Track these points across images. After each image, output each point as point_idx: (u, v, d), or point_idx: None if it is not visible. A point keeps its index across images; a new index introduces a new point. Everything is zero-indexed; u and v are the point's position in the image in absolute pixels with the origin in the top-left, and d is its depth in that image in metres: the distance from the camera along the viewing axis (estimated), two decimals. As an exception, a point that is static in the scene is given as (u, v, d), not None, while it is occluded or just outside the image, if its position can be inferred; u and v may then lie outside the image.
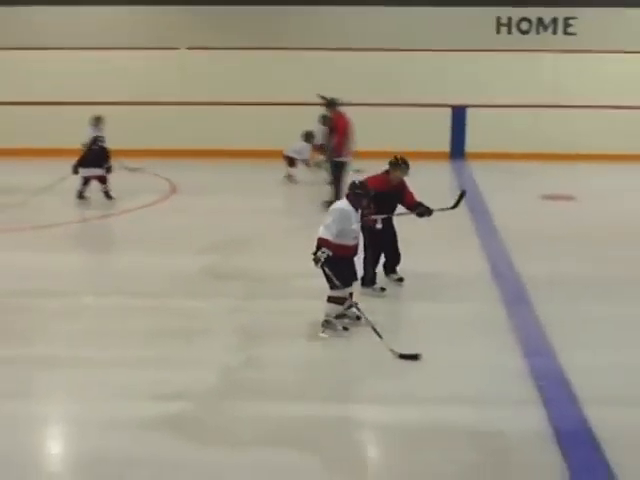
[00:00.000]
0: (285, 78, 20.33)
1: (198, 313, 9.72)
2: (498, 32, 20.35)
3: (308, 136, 17.40)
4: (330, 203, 10.63)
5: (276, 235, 13.22)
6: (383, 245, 10.47)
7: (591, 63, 20.04)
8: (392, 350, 8.32)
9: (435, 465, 6.43)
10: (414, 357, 8.25)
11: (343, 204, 8.98)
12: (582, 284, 10.66)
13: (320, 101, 14.92)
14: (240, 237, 12.99)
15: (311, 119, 16.71)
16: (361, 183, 9.14)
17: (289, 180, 17.50)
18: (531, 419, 7.11)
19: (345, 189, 9.45)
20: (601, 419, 7.02)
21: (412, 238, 11.91)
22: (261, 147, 19.98)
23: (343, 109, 14.88)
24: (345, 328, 9.04)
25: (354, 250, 9.10)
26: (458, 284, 10.70)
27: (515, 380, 7.90)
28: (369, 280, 10.25)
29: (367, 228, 9.93)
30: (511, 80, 20.18)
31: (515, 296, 10.29)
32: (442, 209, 10.57)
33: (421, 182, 17.14)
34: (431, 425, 7.05)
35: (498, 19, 20.31)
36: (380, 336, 8.53)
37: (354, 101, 15.47)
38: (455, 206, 10.71)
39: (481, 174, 18.10)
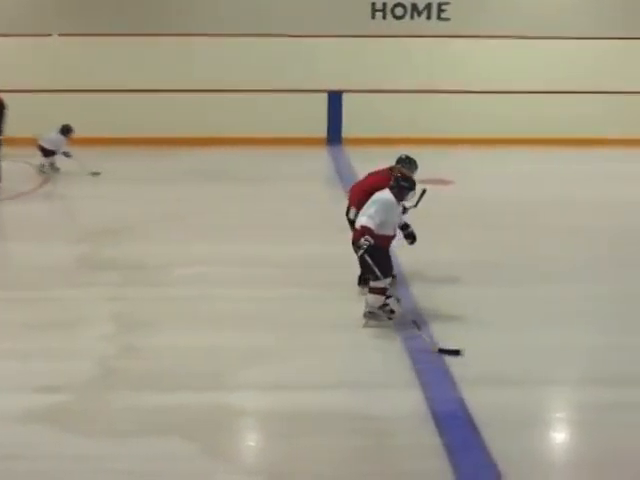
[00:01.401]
0: (158, 64, 20.03)
1: (74, 303, 9.56)
2: (373, 17, 20.42)
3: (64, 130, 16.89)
4: None
5: (152, 223, 13.05)
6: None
7: (464, 48, 20.29)
8: (432, 343, 8.20)
9: (316, 450, 6.45)
10: (455, 352, 8.06)
11: (388, 195, 8.78)
12: (459, 267, 10.80)
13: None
14: (116, 225, 12.80)
15: (187, 105, 16.54)
16: (408, 177, 8.96)
17: (49, 170, 16.96)
18: (410, 402, 7.18)
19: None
20: (477, 400, 7.15)
21: (286, 223, 12.00)
22: (131, 135, 19.69)
23: None
24: (390, 318, 8.90)
25: (391, 241, 8.96)
26: (335, 268, 10.72)
27: (394, 363, 7.98)
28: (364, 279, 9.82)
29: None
30: (387, 65, 20.28)
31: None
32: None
33: (299, 168, 17.36)
34: (310, 410, 7.08)
35: (373, 5, 20.36)
36: (419, 328, 8.45)
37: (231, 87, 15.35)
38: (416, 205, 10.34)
39: (358, 160, 18.13)
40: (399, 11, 20.42)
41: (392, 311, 8.93)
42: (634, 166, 17.77)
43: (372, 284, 8.86)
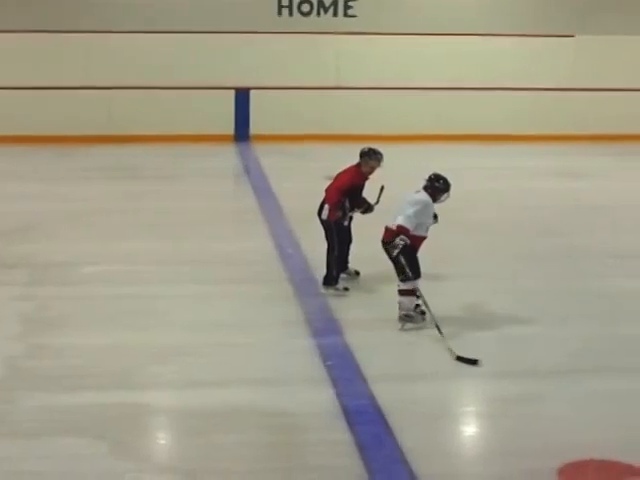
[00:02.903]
0: (62, 61, 19.72)
1: (-20, 303, 9.40)
2: (280, 14, 20.43)
3: None
4: None
5: (58, 222, 12.86)
6: (346, 242, 10.07)
7: (371, 45, 20.40)
8: (451, 350, 8.11)
9: (227, 447, 6.46)
10: (473, 362, 7.94)
11: (425, 196, 8.66)
12: (366, 262, 10.86)
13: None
14: (21, 224, 12.58)
15: (93, 103, 16.35)
16: (442, 178, 8.79)
17: None
18: (320, 398, 7.22)
19: None
20: (387, 395, 7.21)
21: (194, 220, 11.94)
22: (36, 133, 19.39)
23: None
24: (423, 319, 8.75)
25: (423, 242, 8.85)
26: (245, 265, 10.74)
27: (303, 360, 8.02)
28: (333, 279, 9.83)
29: (333, 225, 9.75)
30: (294, 62, 20.28)
31: (301, 276, 10.42)
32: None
33: (206, 165, 17.30)
34: (220, 408, 7.07)
35: (279, 1, 20.37)
36: (441, 332, 8.32)
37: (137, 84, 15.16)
38: (377, 202, 10.16)
39: (265, 156, 18.19)
40: (305, 7, 20.44)
41: (423, 312, 8.81)
42: (538, 162, 18.10)
43: (402, 286, 8.70)
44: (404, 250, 8.48)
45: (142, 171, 16.79)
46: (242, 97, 20.33)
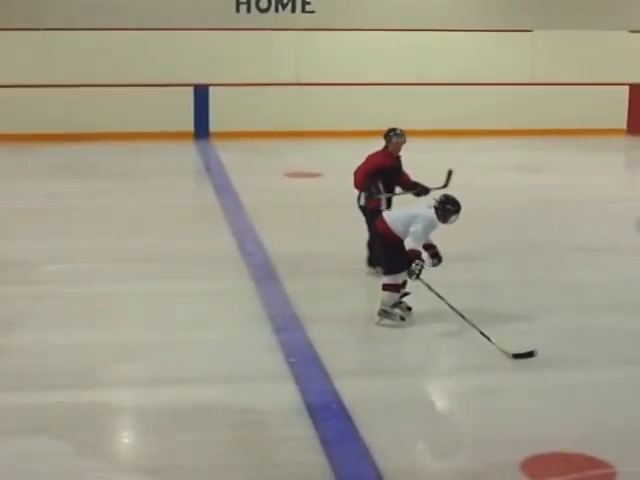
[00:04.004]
0: (18, 59, 19.54)
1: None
2: (238, 11, 20.37)
3: None
4: None
5: (16, 220, 12.74)
6: None
7: (330, 41, 20.41)
8: (503, 351, 7.96)
9: (191, 444, 6.41)
10: (530, 354, 7.87)
11: (433, 215, 8.53)
12: (325, 259, 10.88)
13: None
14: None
15: (50, 101, 16.18)
16: (454, 200, 8.63)
17: None
18: (284, 394, 7.21)
19: None
20: (350, 391, 7.20)
21: (154, 217, 11.87)
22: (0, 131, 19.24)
23: None
24: (402, 319, 8.73)
25: None
26: (207, 262, 10.70)
27: (266, 356, 7.99)
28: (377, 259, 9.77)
29: (369, 212, 9.72)
30: (253, 59, 20.23)
31: (263, 273, 10.39)
32: (436, 188, 9.89)
33: (166, 162, 17.24)
34: (184, 405, 7.03)
35: (237, -3, 20.35)
36: (489, 338, 8.15)
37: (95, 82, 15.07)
38: (446, 185, 10.05)
39: (226, 153, 18.14)
40: (263, 4, 20.40)
41: (409, 308, 8.87)
42: (499, 156, 18.21)
43: (386, 280, 8.70)
44: (396, 252, 8.53)
45: (101, 169, 16.68)
46: (201, 94, 20.26)
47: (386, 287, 8.72)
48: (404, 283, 8.77)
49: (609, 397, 7.31)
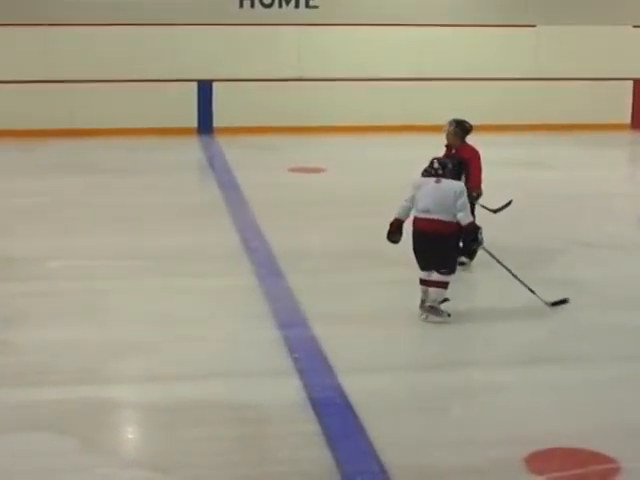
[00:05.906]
0: (15, 54, 19.50)
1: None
2: (241, 6, 20.35)
3: None
4: None
5: (17, 217, 12.69)
6: None
7: (334, 36, 20.39)
8: (542, 299, 8.84)
9: (194, 441, 6.41)
10: (565, 301, 8.87)
11: (460, 183, 8.66)
12: (329, 254, 10.87)
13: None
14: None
15: (53, 97, 16.12)
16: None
17: None
18: (288, 390, 7.20)
19: None
20: (355, 386, 7.21)
21: (157, 213, 11.87)
22: (3, 128, 19.20)
23: None
24: (449, 314, 8.71)
25: None
26: (211, 258, 10.70)
27: (269, 352, 7.99)
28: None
29: None
30: (257, 54, 20.22)
31: (267, 268, 10.39)
32: (488, 208, 10.34)
33: (169, 158, 17.22)
34: (187, 401, 7.03)
35: (241, -7, 20.33)
36: (532, 290, 8.86)
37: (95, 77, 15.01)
38: (497, 210, 10.42)
39: (229, 149, 18.12)
40: (267, -1, 20.41)
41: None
42: (503, 152, 18.13)
43: (440, 278, 8.57)
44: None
45: (103, 165, 16.63)
46: (204, 90, 20.24)
47: (439, 284, 8.59)
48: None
49: (612, 393, 7.31)
